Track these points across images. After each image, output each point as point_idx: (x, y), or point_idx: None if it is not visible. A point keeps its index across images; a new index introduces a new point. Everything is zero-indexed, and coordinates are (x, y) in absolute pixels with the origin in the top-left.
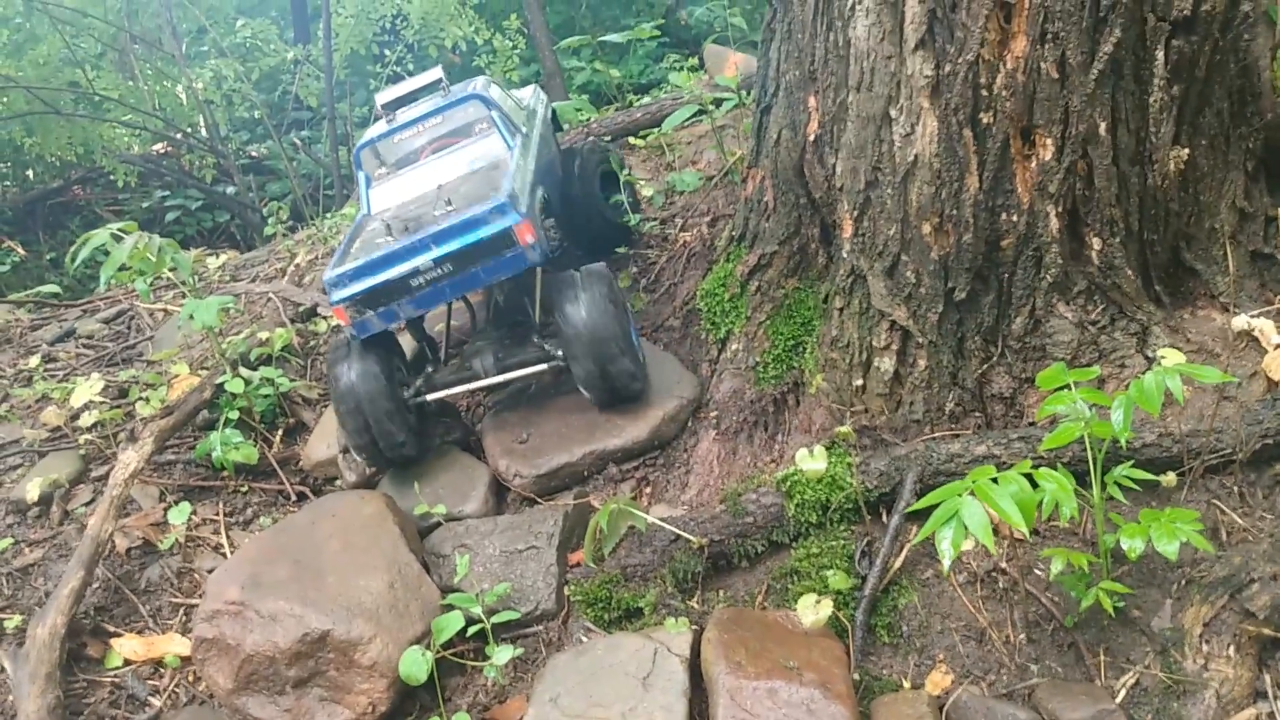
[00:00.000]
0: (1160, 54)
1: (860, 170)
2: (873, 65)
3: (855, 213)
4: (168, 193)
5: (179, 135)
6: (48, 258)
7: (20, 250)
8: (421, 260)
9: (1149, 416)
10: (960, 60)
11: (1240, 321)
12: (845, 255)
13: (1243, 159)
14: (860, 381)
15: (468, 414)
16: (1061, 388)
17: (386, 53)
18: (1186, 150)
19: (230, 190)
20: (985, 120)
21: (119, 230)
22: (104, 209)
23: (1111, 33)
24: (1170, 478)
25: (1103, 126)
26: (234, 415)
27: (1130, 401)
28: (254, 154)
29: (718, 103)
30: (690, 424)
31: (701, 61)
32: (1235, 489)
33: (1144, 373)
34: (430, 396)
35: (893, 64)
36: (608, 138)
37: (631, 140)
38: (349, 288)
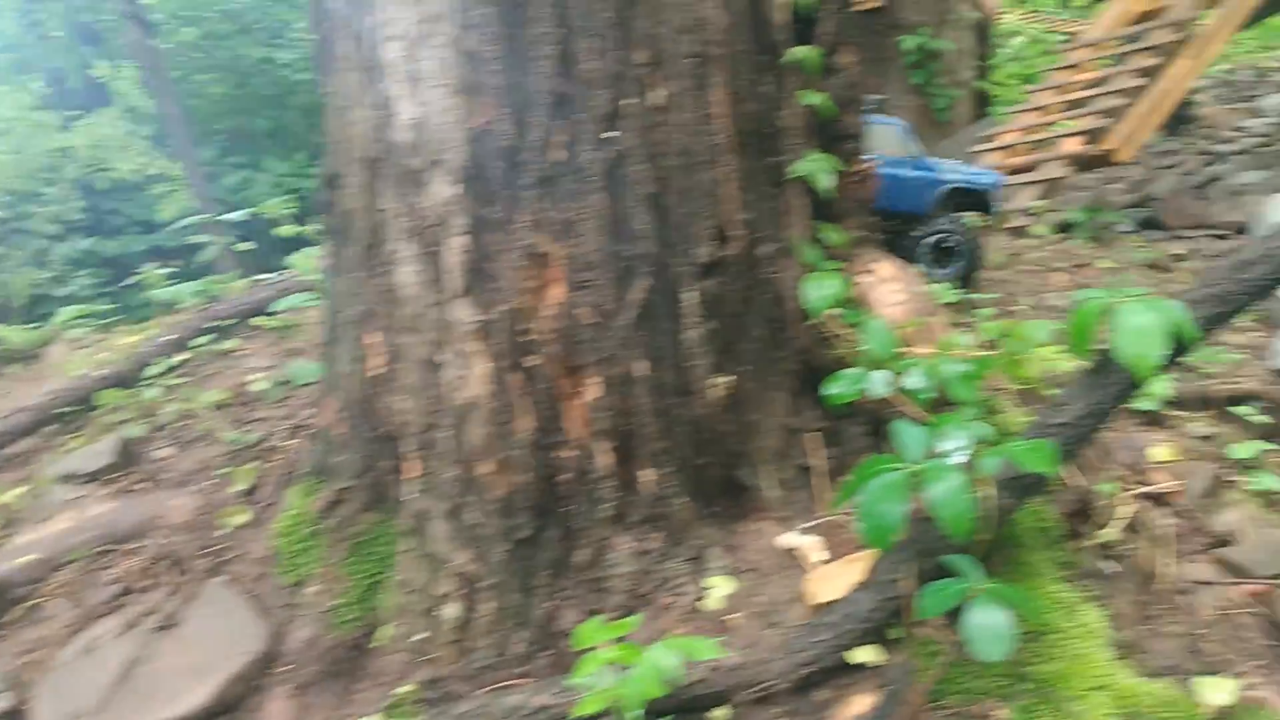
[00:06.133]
0: (693, 294)
1: (420, 411)
2: (420, 310)
3: (420, 453)
4: None
5: None
6: None
7: None
8: None
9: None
10: (501, 308)
11: (785, 540)
12: (410, 497)
13: (785, 380)
14: (428, 631)
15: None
16: (588, 649)
17: None
18: (731, 377)
19: None
20: (532, 363)
21: None
22: None
23: (639, 281)
24: (721, 713)
25: (642, 366)
26: None
27: (640, 681)
28: None
29: None
30: (263, 681)
31: None
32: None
33: (698, 600)
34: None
35: (437, 310)
36: None
37: (252, 321)
38: None
